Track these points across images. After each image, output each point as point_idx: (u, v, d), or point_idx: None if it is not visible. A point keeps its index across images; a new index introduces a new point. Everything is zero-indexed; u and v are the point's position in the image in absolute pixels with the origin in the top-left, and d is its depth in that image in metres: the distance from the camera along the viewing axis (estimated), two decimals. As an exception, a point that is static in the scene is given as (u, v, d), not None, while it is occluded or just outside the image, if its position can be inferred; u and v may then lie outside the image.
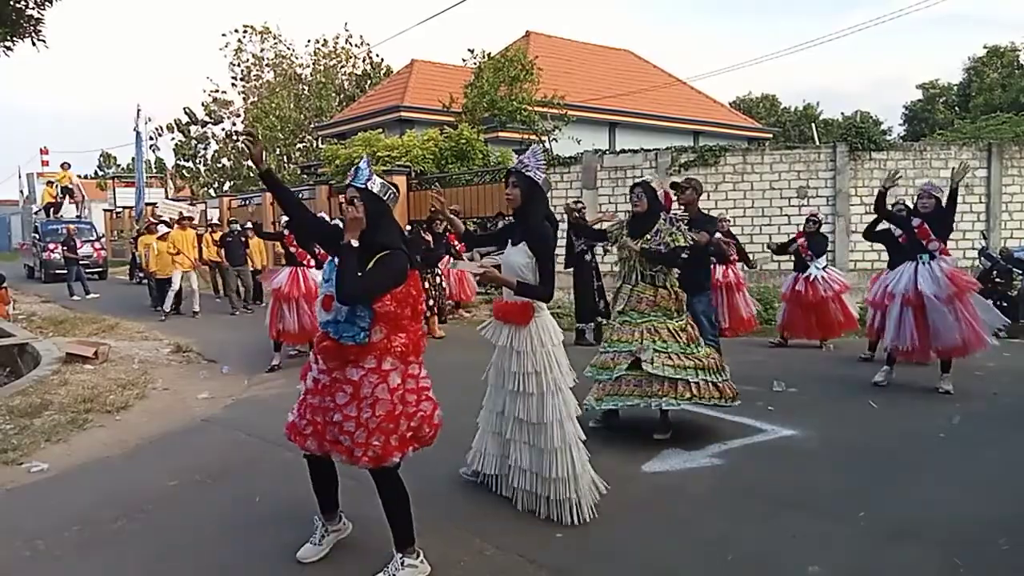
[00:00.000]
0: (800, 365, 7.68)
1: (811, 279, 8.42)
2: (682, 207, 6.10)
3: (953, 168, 6.31)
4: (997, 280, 9.32)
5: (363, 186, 3.06)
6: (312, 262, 7.85)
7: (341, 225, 3.15)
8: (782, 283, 9.32)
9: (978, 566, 3.20)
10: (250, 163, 27.66)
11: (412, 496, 3.23)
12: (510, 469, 3.89)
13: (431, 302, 9.70)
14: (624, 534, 3.61)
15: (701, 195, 6.23)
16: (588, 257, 8.99)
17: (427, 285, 9.83)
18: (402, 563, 3.13)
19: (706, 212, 6.65)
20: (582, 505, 3.72)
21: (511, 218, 4.04)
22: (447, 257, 10.66)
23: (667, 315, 4.96)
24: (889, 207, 7.20)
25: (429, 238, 10.23)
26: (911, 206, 7.74)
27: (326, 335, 3.07)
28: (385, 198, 3.10)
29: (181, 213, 14.62)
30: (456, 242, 10.36)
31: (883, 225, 6.81)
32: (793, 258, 8.86)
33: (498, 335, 3.88)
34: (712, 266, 9.24)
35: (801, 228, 8.83)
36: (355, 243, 2.99)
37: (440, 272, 10.27)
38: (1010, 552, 3.33)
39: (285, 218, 8.10)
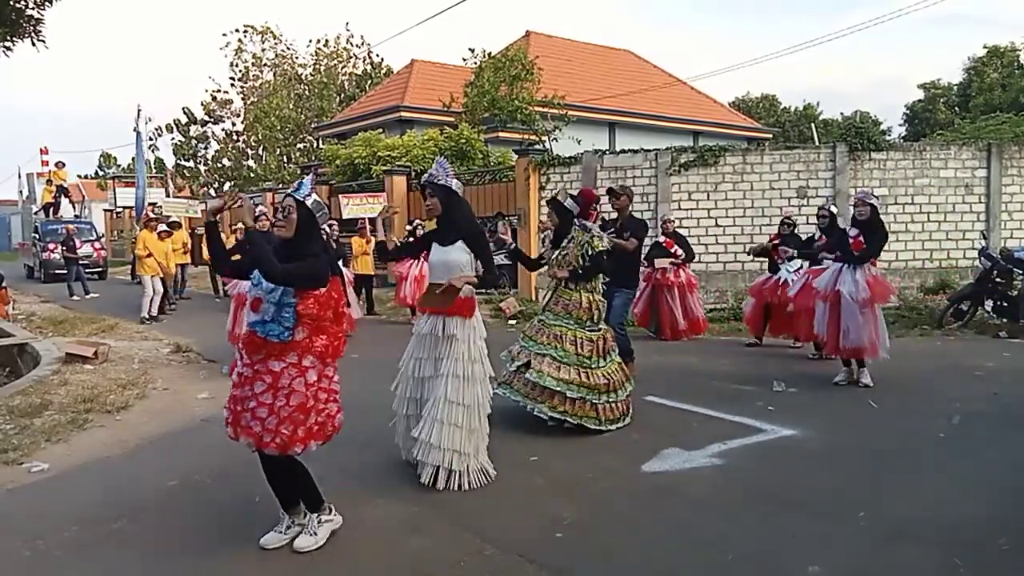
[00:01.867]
0: (800, 365, 7.68)
1: (781, 281, 8.39)
2: (615, 211, 6.62)
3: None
4: (997, 280, 9.31)
5: (301, 199, 3.35)
6: None
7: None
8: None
9: (978, 566, 3.20)
10: (250, 163, 27.64)
11: (412, 496, 3.25)
12: (416, 443, 4.19)
13: None
14: (624, 534, 3.61)
15: (632, 202, 6.82)
16: None
17: None
18: (319, 520, 3.52)
19: (637, 216, 7.07)
20: (469, 478, 4.13)
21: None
22: (409, 262, 10.65)
23: (579, 323, 5.17)
24: (825, 212, 7.72)
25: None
26: (832, 211, 7.92)
27: (253, 332, 3.30)
28: (317, 213, 3.40)
29: (148, 213, 14.59)
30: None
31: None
32: (766, 259, 8.88)
33: (436, 326, 4.18)
34: (666, 267, 9.31)
35: (777, 231, 8.84)
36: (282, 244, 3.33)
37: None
38: (1010, 552, 3.33)
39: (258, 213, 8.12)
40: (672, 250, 9.38)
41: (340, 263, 10.45)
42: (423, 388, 4.26)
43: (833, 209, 8.11)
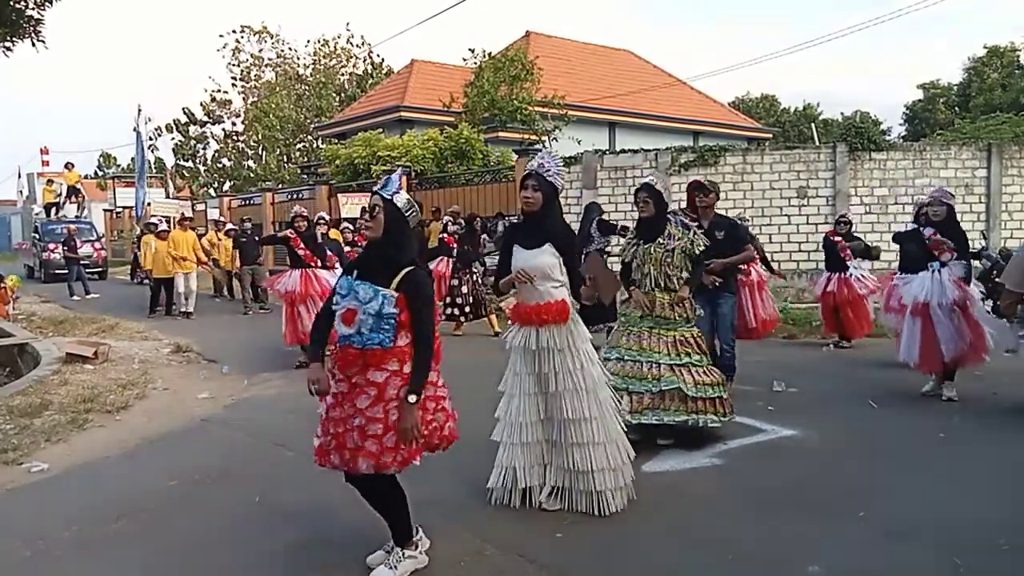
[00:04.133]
0: (800, 365, 7.68)
1: (851, 278, 8.39)
2: (702, 208, 5.88)
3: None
4: (997, 280, 9.31)
5: (388, 197, 3.07)
6: (319, 263, 7.82)
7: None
8: (815, 284, 9.20)
9: (978, 566, 3.20)
10: (250, 163, 27.60)
11: (412, 497, 3.23)
12: (555, 470, 3.84)
13: (468, 300, 9.62)
14: (624, 534, 3.61)
15: (719, 199, 6.19)
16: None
17: (463, 287, 9.74)
18: (403, 555, 3.22)
19: (723, 214, 6.51)
20: (621, 495, 3.81)
21: (512, 218, 4.08)
22: (440, 261, 10.43)
23: (688, 321, 4.84)
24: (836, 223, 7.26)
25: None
26: (845, 221, 7.81)
27: (348, 346, 3.00)
28: (407, 213, 3.10)
29: (183, 213, 14.59)
30: (453, 244, 10.35)
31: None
32: (824, 257, 8.82)
33: (530, 339, 3.78)
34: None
35: (833, 229, 8.81)
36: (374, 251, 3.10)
37: (472, 272, 10.05)
38: (1010, 552, 3.33)
39: (295, 213, 8.07)
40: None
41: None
42: (532, 406, 3.86)
43: (854, 219, 7.91)
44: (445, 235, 10.85)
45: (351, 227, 10.54)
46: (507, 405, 3.91)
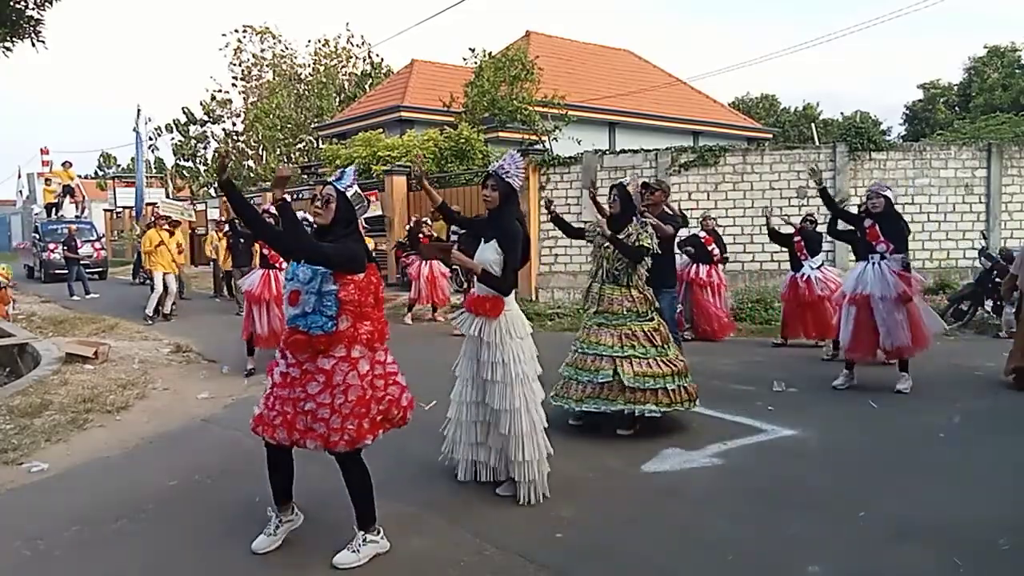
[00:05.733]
0: (800, 365, 7.68)
1: (805, 278, 8.42)
2: (648, 206, 6.38)
3: (811, 169, 6.84)
4: (997, 280, 9.31)
5: (342, 189, 3.30)
6: (284, 264, 7.76)
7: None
8: (781, 283, 9.33)
9: (978, 566, 3.20)
10: (250, 163, 27.64)
11: (412, 496, 3.24)
12: (487, 450, 4.11)
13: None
14: (624, 534, 3.61)
15: (668, 197, 6.63)
16: None
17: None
18: (364, 540, 3.35)
19: (672, 211, 6.95)
20: (538, 488, 3.97)
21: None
22: (419, 262, 11.04)
23: (640, 316, 5.08)
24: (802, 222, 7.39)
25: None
26: (811, 220, 7.90)
27: (295, 329, 3.23)
28: (356, 206, 3.34)
29: (171, 217, 14.53)
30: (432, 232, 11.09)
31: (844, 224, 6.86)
32: (788, 257, 8.88)
33: (469, 326, 4.06)
34: (695, 265, 9.32)
35: (799, 226, 8.82)
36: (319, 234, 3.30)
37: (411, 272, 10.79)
38: (1010, 552, 3.33)
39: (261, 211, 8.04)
40: (710, 248, 9.34)
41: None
42: (468, 388, 4.12)
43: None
44: (421, 236, 11.06)
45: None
46: (456, 385, 4.21)
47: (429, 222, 11.63)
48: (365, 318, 3.26)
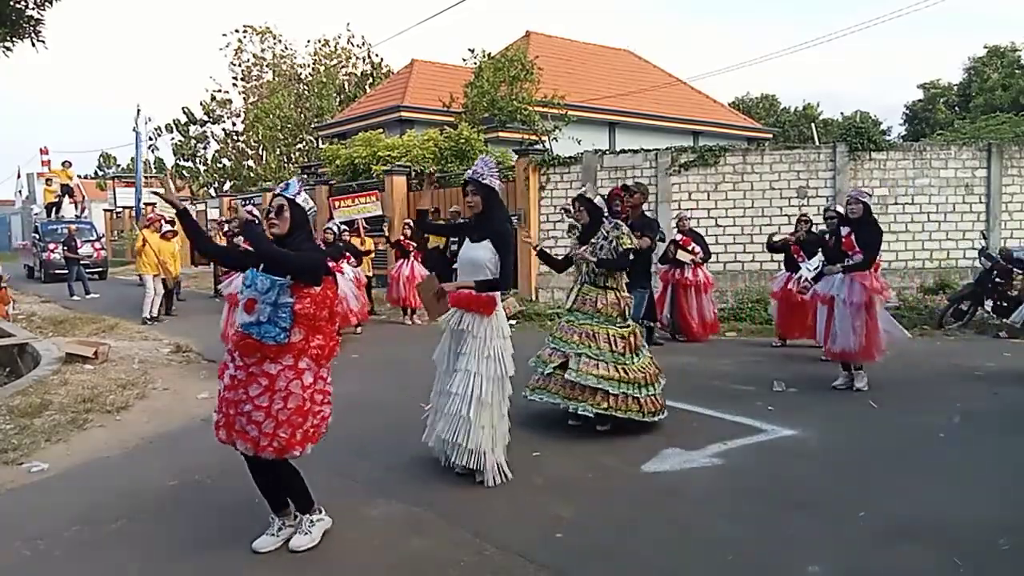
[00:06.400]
0: (800, 365, 7.68)
1: (800, 279, 8.39)
2: (628, 209, 6.57)
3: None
4: (997, 280, 9.32)
5: (291, 197, 3.36)
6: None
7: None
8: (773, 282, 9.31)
9: (978, 566, 3.20)
10: (250, 163, 27.58)
11: (412, 496, 3.25)
12: (438, 439, 4.28)
13: None
14: (624, 534, 3.61)
15: (646, 200, 6.85)
16: None
17: None
18: (311, 522, 3.51)
19: (649, 215, 7.04)
20: (487, 478, 4.17)
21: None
22: (400, 263, 11.26)
23: (609, 321, 5.16)
24: (832, 212, 7.43)
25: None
26: (839, 211, 7.79)
27: (247, 335, 3.25)
28: (308, 211, 3.41)
29: (164, 217, 14.49)
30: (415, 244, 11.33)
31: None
32: (783, 257, 8.88)
33: (458, 321, 4.23)
34: (680, 267, 9.32)
35: (794, 229, 8.82)
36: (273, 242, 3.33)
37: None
38: (1010, 552, 3.33)
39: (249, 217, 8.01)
40: (690, 247, 9.32)
41: (358, 266, 10.67)
42: (445, 381, 4.33)
43: (840, 209, 8.02)
44: (402, 238, 11.16)
45: (334, 230, 10.50)
46: (436, 376, 4.42)
47: (412, 225, 11.71)
48: (318, 331, 3.30)
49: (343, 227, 11.35)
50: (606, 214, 5.32)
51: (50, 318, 12.10)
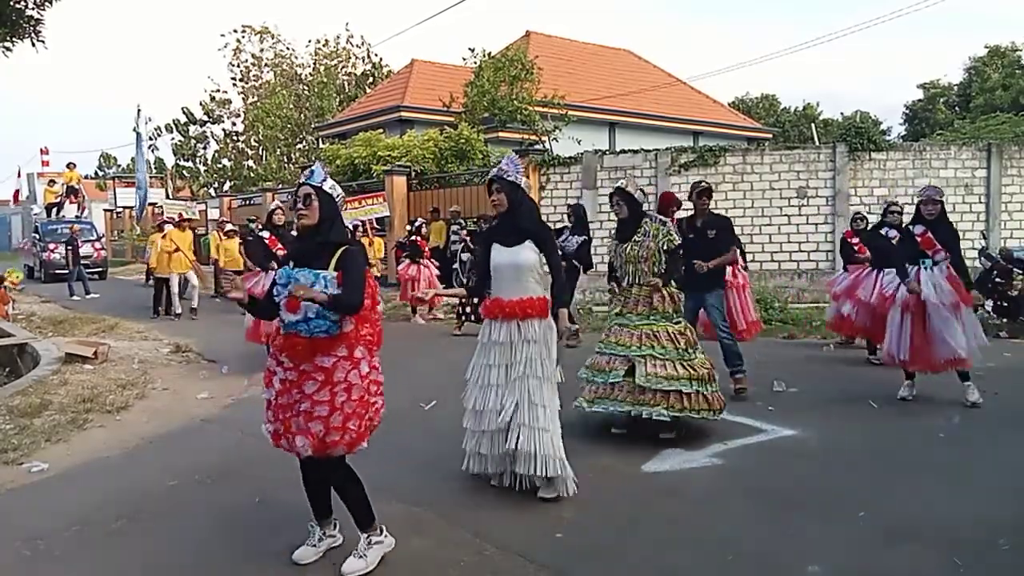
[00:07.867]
0: (800, 365, 7.68)
1: (884, 281, 8.11)
2: (699, 208, 6.30)
3: None
4: (997, 280, 9.31)
5: (318, 184, 3.20)
6: None
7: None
8: (836, 279, 8.75)
9: (978, 566, 3.20)
10: (250, 163, 27.59)
11: (412, 496, 3.24)
12: (513, 456, 3.93)
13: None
14: (624, 534, 3.61)
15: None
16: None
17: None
18: (369, 542, 3.24)
19: (717, 213, 6.77)
20: (568, 488, 3.94)
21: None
22: (407, 264, 11.26)
23: (666, 317, 4.99)
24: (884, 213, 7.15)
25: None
26: (896, 210, 7.54)
27: (295, 335, 3.11)
28: (336, 197, 3.26)
29: (181, 214, 14.53)
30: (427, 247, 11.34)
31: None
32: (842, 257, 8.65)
33: (510, 332, 3.95)
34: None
35: (850, 228, 8.59)
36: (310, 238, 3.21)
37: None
38: (1010, 552, 3.33)
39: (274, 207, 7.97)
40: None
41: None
42: (499, 396, 3.99)
43: (898, 209, 7.48)
44: (417, 238, 11.16)
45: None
46: (476, 395, 4.06)
47: (426, 223, 11.74)
48: (366, 320, 3.19)
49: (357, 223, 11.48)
50: (647, 210, 5.13)
51: (50, 318, 12.10)
